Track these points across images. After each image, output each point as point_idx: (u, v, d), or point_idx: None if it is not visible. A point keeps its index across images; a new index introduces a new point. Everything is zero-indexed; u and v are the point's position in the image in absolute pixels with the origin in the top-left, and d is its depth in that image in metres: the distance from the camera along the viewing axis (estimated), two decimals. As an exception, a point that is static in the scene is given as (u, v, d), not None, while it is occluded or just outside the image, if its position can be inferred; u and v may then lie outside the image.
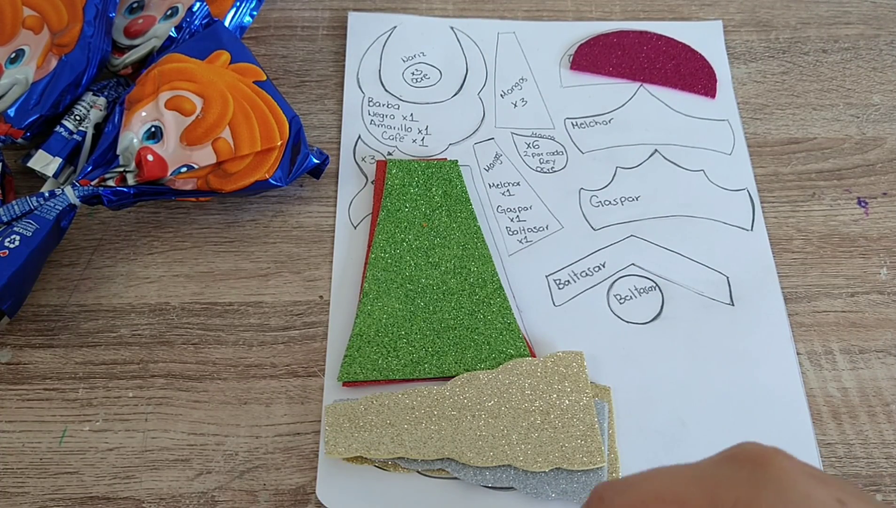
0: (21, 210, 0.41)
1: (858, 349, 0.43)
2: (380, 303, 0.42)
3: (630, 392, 0.41)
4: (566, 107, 0.51)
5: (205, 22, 0.47)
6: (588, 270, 0.45)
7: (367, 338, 0.41)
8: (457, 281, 0.43)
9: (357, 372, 0.40)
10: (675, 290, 0.44)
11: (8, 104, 0.44)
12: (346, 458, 0.38)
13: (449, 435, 0.38)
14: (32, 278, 0.41)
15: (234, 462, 0.39)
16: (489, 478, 0.38)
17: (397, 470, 0.38)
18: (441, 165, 0.47)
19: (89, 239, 0.45)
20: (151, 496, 0.38)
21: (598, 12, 0.55)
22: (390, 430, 0.38)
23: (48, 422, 0.39)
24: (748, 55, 0.54)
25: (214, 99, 0.43)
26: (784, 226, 0.47)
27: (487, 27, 0.54)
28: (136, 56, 0.48)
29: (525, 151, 0.49)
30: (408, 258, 0.44)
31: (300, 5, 0.55)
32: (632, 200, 0.48)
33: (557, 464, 0.37)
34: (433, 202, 0.46)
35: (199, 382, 0.41)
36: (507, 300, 0.43)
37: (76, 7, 0.45)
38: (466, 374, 0.40)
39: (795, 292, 0.45)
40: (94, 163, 0.42)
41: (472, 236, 0.45)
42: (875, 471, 0.39)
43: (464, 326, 0.42)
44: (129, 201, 0.43)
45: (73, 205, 0.42)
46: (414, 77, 0.52)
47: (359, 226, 0.46)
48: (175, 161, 0.42)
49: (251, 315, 0.43)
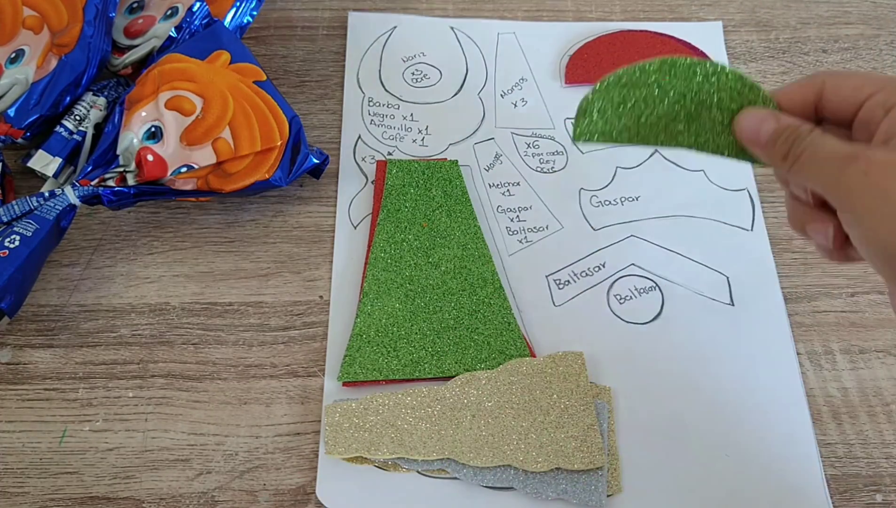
0: (21, 210, 0.41)
1: (858, 349, 0.43)
2: (380, 303, 0.42)
3: (630, 392, 0.41)
4: (566, 107, 0.51)
5: (205, 22, 0.47)
6: (588, 270, 0.45)
7: (367, 338, 0.41)
8: (457, 281, 0.43)
9: (357, 372, 0.40)
10: (675, 290, 0.44)
11: (8, 104, 0.44)
12: (346, 458, 0.38)
13: (449, 435, 0.38)
14: (32, 277, 0.41)
15: (234, 462, 0.39)
16: (489, 478, 0.38)
17: (397, 470, 0.38)
18: (441, 165, 0.47)
19: (89, 239, 0.45)
20: (151, 496, 0.38)
21: (598, 12, 0.55)
22: (390, 430, 0.38)
23: (48, 422, 0.39)
24: (748, 55, 0.54)
25: (214, 99, 0.43)
26: (784, 226, 0.47)
27: (487, 27, 0.54)
28: (136, 56, 0.48)
29: (525, 151, 0.49)
30: (408, 258, 0.44)
31: (300, 5, 0.55)
32: (632, 200, 0.48)
33: (557, 464, 0.37)
34: (433, 202, 0.46)
35: (199, 382, 0.41)
36: (507, 300, 0.43)
37: (76, 7, 0.45)
38: (466, 374, 0.40)
39: (795, 292, 0.45)
40: (94, 163, 0.42)
41: (472, 236, 0.45)
42: (875, 471, 0.39)
43: (464, 326, 0.42)
44: (129, 201, 0.43)
45: (73, 205, 0.42)
46: (414, 77, 0.52)
47: (359, 226, 0.46)
48: (175, 161, 0.42)
49: (251, 315, 0.43)
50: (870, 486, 0.39)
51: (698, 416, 0.40)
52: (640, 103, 0.34)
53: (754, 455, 0.39)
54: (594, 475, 0.37)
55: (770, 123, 0.32)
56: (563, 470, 0.37)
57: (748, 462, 0.39)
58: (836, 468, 0.39)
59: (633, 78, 0.34)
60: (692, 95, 0.34)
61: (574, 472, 0.37)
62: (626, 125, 0.35)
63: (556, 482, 0.37)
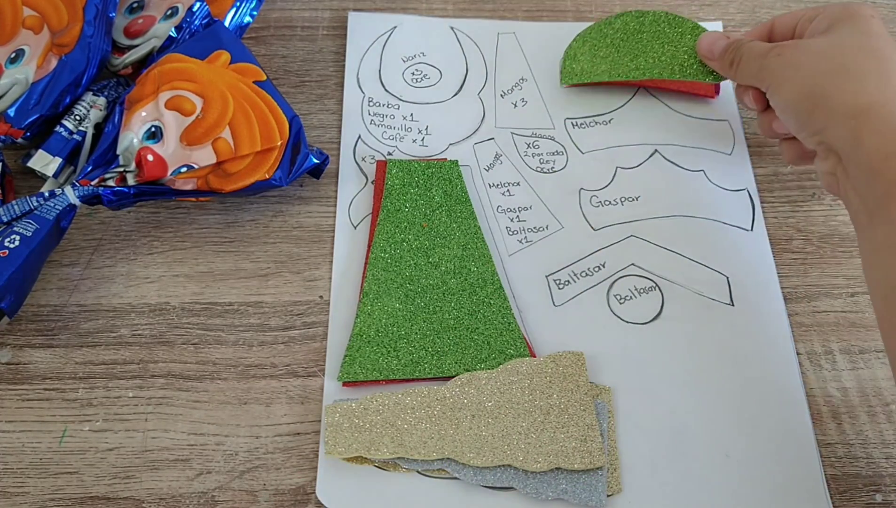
0: (21, 210, 0.41)
1: (858, 349, 0.43)
2: (380, 303, 0.42)
3: (630, 392, 0.41)
4: (566, 107, 0.51)
5: (205, 22, 0.47)
6: (588, 270, 0.45)
7: (367, 338, 0.41)
8: (457, 281, 0.43)
9: (357, 372, 0.40)
10: (675, 290, 0.44)
11: (8, 104, 0.44)
12: (345, 458, 0.38)
13: (449, 435, 0.38)
14: (32, 277, 0.41)
15: (234, 462, 0.39)
16: (489, 478, 0.38)
17: (397, 470, 0.38)
18: (441, 165, 0.47)
19: (89, 239, 0.45)
20: (151, 496, 0.38)
21: (597, 12, 0.55)
22: (390, 430, 0.38)
23: (48, 422, 0.39)
24: (748, 55, 0.54)
25: (214, 99, 0.43)
26: (784, 226, 0.47)
27: (487, 27, 0.54)
28: (136, 56, 0.48)
29: (525, 151, 0.49)
30: (408, 258, 0.44)
31: (300, 5, 0.55)
32: (632, 200, 0.48)
33: (557, 464, 0.37)
34: (433, 202, 0.46)
35: (199, 382, 0.41)
36: (507, 301, 0.43)
37: (76, 7, 0.45)
38: (466, 374, 0.40)
39: (795, 292, 0.45)
40: (94, 163, 0.42)
41: (472, 236, 0.45)
42: (875, 471, 0.39)
43: (464, 326, 0.42)
44: (129, 201, 0.43)
45: (73, 205, 0.42)
46: (414, 77, 0.52)
47: (359, 226, 0.46)
48: (175, 161, 0.42)
49: (251, 315, 0.43)
50: (870, 486, 0.39)
51: (698, 416, 0.40)
52: (609, 47, 0.49)
53: (754, 455, 0.39)
54: (594, 475, 0.37)
55: (721, 41, 0.45)
56: (563, 470, 0.37)
57: (748, 462, 0.39)
58: (836, 468, 0.39)
59: (602, 28, 0.50)
60: (647, 32, 0.49)
61: (574, 472, 0.37)
62: (601, 67, 0.49)
63: (556, 482, 0.37)
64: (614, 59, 0.49)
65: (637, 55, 0.49)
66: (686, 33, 0.48)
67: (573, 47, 0.50)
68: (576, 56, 0.50)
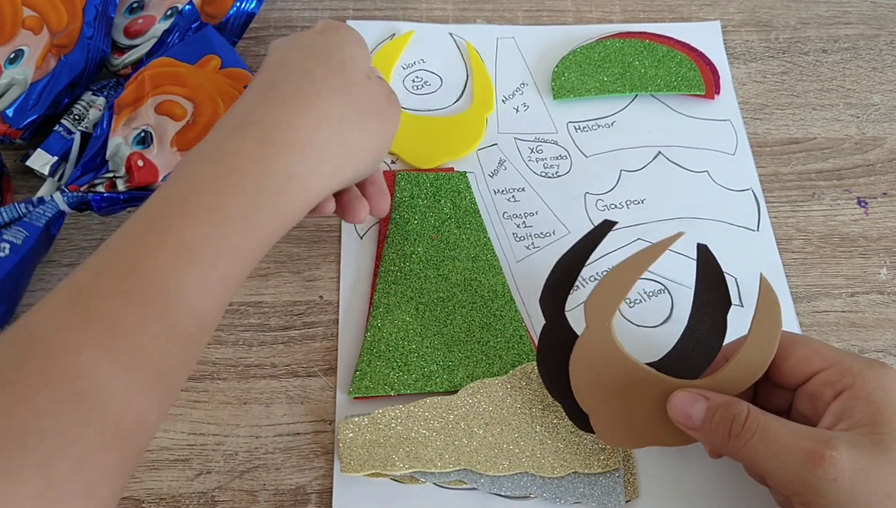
0: (10, 217, 0.41)
1: (858, 350, 0.43)
2: (390, 317, 0.42)
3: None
4: (568, 110, 0.51)
5: (195, 25, 0.46)
6: (596, 274, 0.45)
7: (377, 352, 0.41)
8: (467, 294, 0.43)
9: (368, 387, 0.40)
10: (684, 292, 0.44)
11: (7, 104, 0.44)
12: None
13: (463, 445, 0.38)
14: (23, 286, 0.40)
15: (234, 462, 0.39)
16: (507, 487, 0.38)
17: (414, 483, 0.38)
18: (450, 176, 0.47)
19: (89, 239, 0.45)
20: (151, 496, 0.37)
21: (597, 13, 0.55)
22: (404, 444, 0.38)
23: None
24: (748, 55, 0.54)
25: (205, 103, 0.42)
26: (784, 226, 0.47)
27: (486, 32, 0.54)
28: (136, 56, 0.47)
29: (529, 156, 0.49)
30: (417, 271, 0.44)
31: (300, 5, 0.55)
32: (637, 203, 0.48)
33: (574, 468, 0.37)
34: (442, 214, 0.46)
35: (199, 382, 0.41)
36: (518, 313, 0.43)
37: (76, 7, 0.45)
38: (476, 382, 0.40)
39: (795, 292, 0.45)
40: (83, 168, 0.42)
41: (482, 248, 0.45)
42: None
43: (475, 339, 0.42)
44: (119, 207, 0.42)
45: (63, 212, 0.41)
46: (414, 84, 0.52)
47: (364, 236, 0.46)
48: (166, 166, 0.42)
49: (251, 315, 0.43)
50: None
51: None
52: (595, 66, 0.51)
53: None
54: (611, 476, 0.38)
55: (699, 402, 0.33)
56: (581, 474, 0.38)
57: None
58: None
59: (585, 51, 0.52)
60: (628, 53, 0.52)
61: (591, 475, 0.38)
62: (589, 85, 0.51)
63: (574, 486, 0.37)
64: (601, 78, 0.51)
65: (622, 74, 0.51)
66: (665, 56, 0.52)
67: (560, 67, 0.52)
68: (564, 74, 0.51)
